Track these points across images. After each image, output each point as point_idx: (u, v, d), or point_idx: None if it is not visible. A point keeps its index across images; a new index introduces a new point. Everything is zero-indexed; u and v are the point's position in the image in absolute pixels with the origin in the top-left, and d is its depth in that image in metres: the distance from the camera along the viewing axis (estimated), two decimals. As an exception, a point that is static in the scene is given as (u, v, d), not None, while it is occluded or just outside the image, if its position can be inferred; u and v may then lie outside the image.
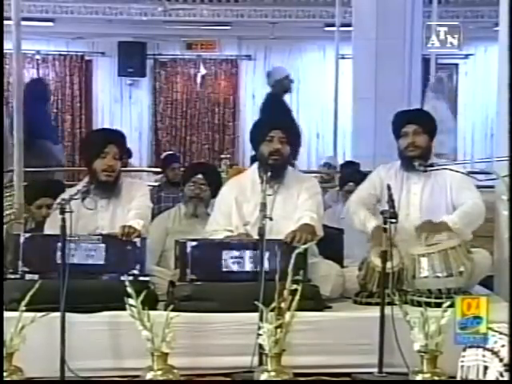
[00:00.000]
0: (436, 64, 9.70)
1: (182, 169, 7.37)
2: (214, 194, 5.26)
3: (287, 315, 3.83)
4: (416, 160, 4.93)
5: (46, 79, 9.30)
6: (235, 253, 4.43)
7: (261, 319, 3.86)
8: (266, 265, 4.16)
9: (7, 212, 5.98)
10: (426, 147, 5.02)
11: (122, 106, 13.62)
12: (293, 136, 4.94)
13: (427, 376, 3.80)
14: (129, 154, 9.71)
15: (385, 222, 4.31)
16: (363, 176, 5.82)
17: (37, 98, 8.78)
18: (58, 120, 13.30)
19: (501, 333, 3.54)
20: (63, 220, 4.09)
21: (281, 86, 8.64)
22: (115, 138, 4.91)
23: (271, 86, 8.77)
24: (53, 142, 8.76)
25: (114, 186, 4.78)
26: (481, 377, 3.54)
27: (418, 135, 5.00)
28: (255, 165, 4.98)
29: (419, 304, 4.29)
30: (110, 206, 4.77)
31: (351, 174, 6.45)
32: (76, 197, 4.38)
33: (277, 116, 5.13)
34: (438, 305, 4.06)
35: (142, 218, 4.65)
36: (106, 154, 4.73)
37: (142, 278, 4.37)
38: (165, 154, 9.75)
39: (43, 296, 4.00)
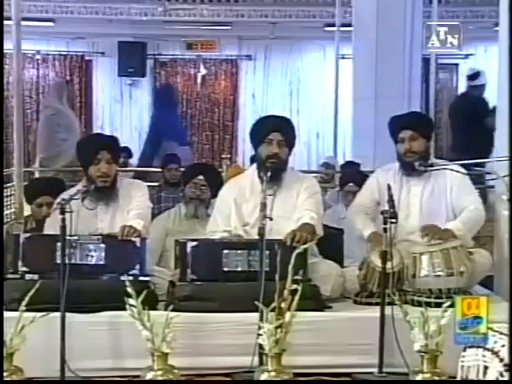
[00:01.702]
0: (436, 64, 9.70)
1: (181, 169, 7.36)
2: (215, 195, 5.27)
3: (287, 315, 3.83)
4: (415, 162, 4.94)
5: (172, 84, 9.47)
6: (235, 253, 4.43)
7: (261, 319, 3.87)
8: (266, 265, 4.15)
9: (7, 212, 5.99)
10: (424, 151, 5.00)
11: (122, 106, 13.61)
12: (292, 138, 4.92)
13: (427, 376, 3.80)
14: (129, 153, 9.72)
15: (385, 222, 4.31)
16: (363, 176, 5.84)
17: (166, 102, 8.93)
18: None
19: (501, 333, 3.55)
20: (63, 220, 4.10)
21: (482, 89, 8.63)
22: (107, 143, 4.90)
23: (474, 86, 8.70)
24: (179, 144, 8.90)
25: (112, 191, 4.78)
26: (481, 377, 3.54)
27: (414, 141, 4.97)
28: (254, 165, 4.98)
29: (419, 304, 4.29)
30: (109, 209, 4.77)
31: (351, 174, 6.45)
32: (76, 197, 4.38)
33: (276, 118, 5.09)
34: (438, 305, 4.07)
35: (141, 219, 4.65)
36: (98, 160, 4.73)
37: (142, 278, 4.37)
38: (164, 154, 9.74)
39: (43, 296, 4.01)
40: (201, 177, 5.53)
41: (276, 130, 4.82)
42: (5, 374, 3.74)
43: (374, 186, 5.08)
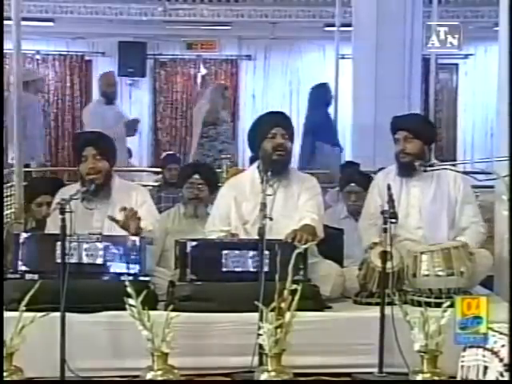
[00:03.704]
0: (436, 64, 9.69)
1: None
2: (213, 192, 5.28)
3: (287, 315, 3.83)
4: (413, 162, 4.95)
5: (328, 84, 9.58)
6: (235, 253, 4.43)
7: (261, 319, 3.87)
8: (266, 265, 4.15)
9: (7, 212, 5.98)
10: (418, 153, 4.99)
11: (122, 106, 13.59)
12: (292, 133, 4.96)
13: (427, 376, 3.80)
14: (129, 153, 9.72)
15: (385, 222, 4.31)
16: (364, 176, 5.86)
17: (320, 102, 8.99)
18: (57, 120, 13.31)
19: (501, 333, 3.55)
20: (63, 220, 4.09)
21: None
22: (92, 139, 4.91)
23: None
24: (331, 145, 8.95)
25: (106, 187, 4.78)
26: (481, 377, 3.55)
27: (408, 142, 4.99)
28: (255, 164, 4.99)
29: (419, 304, 4.29)
30: (108, 208, 4.76)
31: (351, 175, 6.44)
32: (76, 197, 4.38)
33: (277, 114, 5.13)
34: (438, 305, 4.07)
35: (151, 224, 4.71)
36: (85, 157, 4.76)
37: (142, 278, 4.37)
38: (164, 154, 9.76)
39: (43, 296, 4.01)
40: (197, 176, 5.54)
41: (278, 124, 4.87)
42: (5, 373, 3.74)
43: (375, 192, 5.09)
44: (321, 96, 9.20)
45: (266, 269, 4.10)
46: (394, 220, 4.30)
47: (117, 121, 8.41)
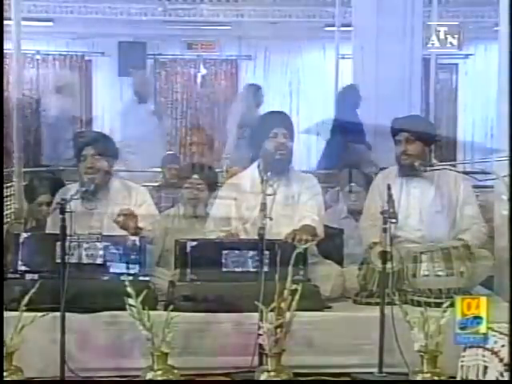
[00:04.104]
0: (436, 64, 9.69)
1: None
2: (212, 192, 5.28)
3: (287, 315, 3.83)
4: (414, 163, 4.95)
5: (357, 85, 9.55)
6: (235, 253, 4.43)
7: (261, 319, 3.87)
8: (266, 265, 4.15)
9: (7, 212, 5.99)
10: (420, 154, 4.98)
11: (122, 106, 13.60)
12: (293, 132, 4.97)
13: (427, 376, 3.80)
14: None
15: (385, 222, 4.31)
16: (364, 176, 5.84)
17: (349, 103, 9.03)
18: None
19: (501, 333, 3.55)
20: (63, 220, 4.10)
21: None
22: (91, 139, 4.95)
23: None
24: (364, 145, 8.96)
25: (105, 187, 4.79)
26: (481, 377, 3.55)
27: (410, 143, 4.98)
28: (255, 164, 4.99)
29: (419, 304, 4.30)
30: (108, 208, 4.76)
31: (351, 175, 6.44)
32: (76, 197, 4.38)
33: (278, 113, 5.15)
34: (438, 305, 4.07)
35: (152, 225, 4.73)
36: (84, 156, 4.79)
37: (141, 278, 4.38)
38: (164, 153, 9.73)
39: (43, 296, 4.01)
40: (196, 176, 5.54)
41: (279, 124, 4.89)
42: (5, 373, 3.74)
43: (375, 192, 5.08)
44: (350, 97, 9.24)
45: (265, 269, 4.10)
46: (393, 220, 4.29)
47: (150, 118, 8.60)
